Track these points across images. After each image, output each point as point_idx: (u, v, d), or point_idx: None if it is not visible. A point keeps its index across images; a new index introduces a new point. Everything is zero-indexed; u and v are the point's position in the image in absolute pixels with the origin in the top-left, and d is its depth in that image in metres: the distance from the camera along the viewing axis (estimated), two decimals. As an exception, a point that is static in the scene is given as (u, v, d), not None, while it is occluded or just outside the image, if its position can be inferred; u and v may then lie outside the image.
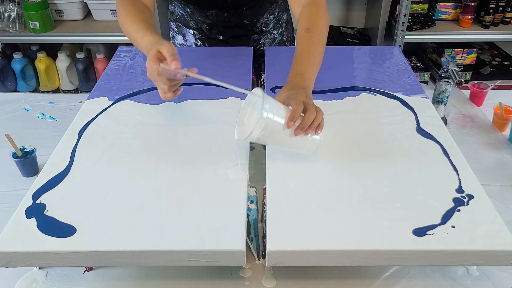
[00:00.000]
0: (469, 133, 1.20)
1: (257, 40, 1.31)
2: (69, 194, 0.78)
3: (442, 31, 2.14)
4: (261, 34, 1.30)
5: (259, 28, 1.29)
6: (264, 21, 1.28)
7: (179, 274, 0.81)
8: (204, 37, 1.30)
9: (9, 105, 1.33)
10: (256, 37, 1.31)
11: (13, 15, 2.11)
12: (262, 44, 1.33)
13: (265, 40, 1.32)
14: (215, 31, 1.27)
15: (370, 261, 0.70)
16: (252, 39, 1.31)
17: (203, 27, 1.27)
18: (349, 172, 0.83)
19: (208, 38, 1.31)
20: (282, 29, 1.36)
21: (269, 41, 1.33)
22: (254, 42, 1.31)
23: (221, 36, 1.29)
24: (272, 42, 1.34)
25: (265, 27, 1.29)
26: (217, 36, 1.29)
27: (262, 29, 1.29)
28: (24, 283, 0.80)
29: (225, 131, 0.94)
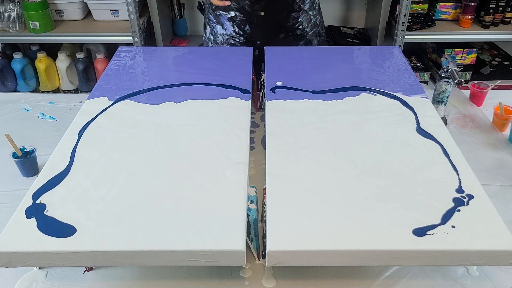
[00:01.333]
0: (469, 133, 1.20)
1: (296, 18, 1.32)
2: (69, 194, 0.78)
3: (442, 31, 2.14)
4: (299, 12, 1.32)
5: (297, 4, 1.30)
6: None
7: (179, 274, 0.81)
8: (245, 17, 1.31)
9: (9, 105, 1.33)
10: (295, 15, 1.32)
11: (13, 15, 2.11)
12: (300, 22, 1.34)
13: (304, 19, 1.34)
14: (257, 6, 1.28)
15: (370, 261, 0.70)
16: (292, 17, 1.32)
17: (245, 3, 1.27)
18: (349, 172, 0.83)
19: (249, 19, 1.31)
20: (316, 12, 1.38)
21: (307, 21, 1.35)
22: (294, 19, 1.32)
23: (262, 12, 1.29)
24: (309, 22, 1.36)
25: (302, 4, 1.31)
26: (259, 12, 1.29)
27: (300, 6, 1.31)
28: (24, 283, 0.80)
29: (225, 131, 0.94)
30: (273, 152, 0.88)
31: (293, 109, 1.01)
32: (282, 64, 1.19)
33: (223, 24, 1.35)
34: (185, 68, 1.21)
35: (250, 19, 1.31)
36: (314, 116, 0.98)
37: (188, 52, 1.31)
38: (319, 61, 1.21)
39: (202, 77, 1.14)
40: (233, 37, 1.35)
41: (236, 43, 1.36)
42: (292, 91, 1.08)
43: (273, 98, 1.05)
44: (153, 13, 2.17)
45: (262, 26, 1.32)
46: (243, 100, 1.05)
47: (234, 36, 1.35)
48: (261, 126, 1.19)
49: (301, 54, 1.25)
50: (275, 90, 1.08)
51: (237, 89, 1.09)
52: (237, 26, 1.33)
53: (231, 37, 1.36)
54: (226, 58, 1.24)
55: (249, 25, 1.32)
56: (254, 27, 1.32)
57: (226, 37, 1.37)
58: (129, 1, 2.01)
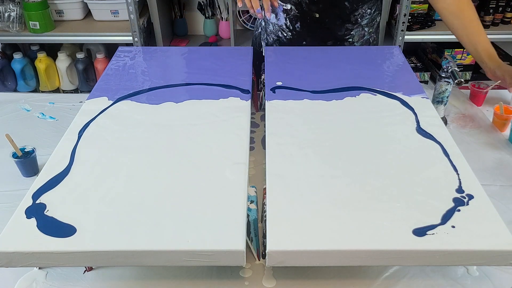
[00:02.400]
0: (469, 133, 1.20)
1: (349, 30, 1.31)
2: (69, 194, 0.78)
3: (442, 31, 2.14)
4: (355, 25, 1.30)
5: (355, 17, 1.28)
6: (361, 12, 1.28)
7: (179, 274, 0.81)
8: (300, 14, 1.29)
9: (9, 105, 1.33)
10: (350, 27, 1.30)
11: (13, 15, 2.11)
12: (352, 35, 1.32)
13: (356, 33, 1.32)
14: (314, 7, 1.26)
15: (370, 261, 0.70)
16: (345, 27, 1.30)
17: (303, 1, 1.26)
18: (349, 172, 0.83)
19: (303, 17, 1.29)
20: (373, 30, 1.36)
21: (359, 36, 1.33)
22: (346, 30, 1.31)
23: (317, 14, 1.27)
24: (361, 38, 1.34)
25: (360, 18, 1.29)
26: (314, 14, 1.27)
27: (357, 20, 1.29)
28: (24, 283, 0.80)
29: (225, 131, 0.94)
30: (273, 152, 0.88)
31: (293, 109, 1.01)
32: (282, 64, 1.19)
33: (277, 14, 1.33)
34: (185, 68, 1.21)
35: (303, 17, 1.29)
36: (314, 116, 0.98)
37: (188, 52, 1.31)
38: (319, 61, 1.21)
39: (202, 77, 1.14)
40: (283, 29, 1.33)
41: (283, 37, 1.35)
42: (292, 91, 1.08)
43: (273, 98, 1.05)
44: (153, 13, 2.18)
45: (313, 28, 1.30)
46: (243, 100, 1.05)
47: (284, 29, 1.33)
48: (261, 126, 1.19)
49: (301, 54, 1.25)
50: (275, 90, 1.08)
51: (237, 89, 1.09)
52: (289, 20, 1.31)
53: (281, 29, 1.34)
54: (226, 58, 1.24)
55: (300, 23, 1.30)
56: (305, 27, 1.30)
57: (276, 27, 1.35)
58: (129, 1, 2.01)
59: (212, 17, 2.47)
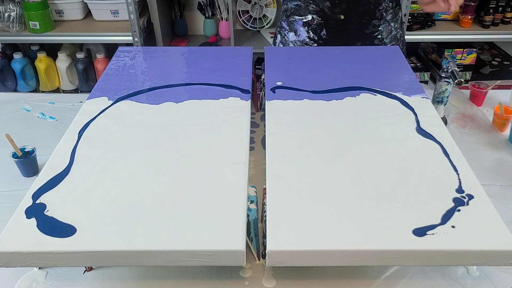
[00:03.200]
0: (469, 133, 1.20)
1: (376, 26, 1.28)
2: (69, 194, 0.78)
3: (442, 31, 2.14)
4: (381, 20, 1.28)
5: (380, 12, 1.26)
6: (385, 6, 1.26)
7: (179, 274, 0.81)
8: (324, 20, 1.27)
9: (9, 105, 1.33)
10: (376, 23, 1.28)
11: (13, 15, 2.11)
12: (380, 31, 1.29)
13: (384, 29, 1.29)
14: (337, 9, 1.24)
15: (370, 261, 0.70)
16: (372, 24, 1.28)
17: (325, 5, 1.24)
18: (349, 172, 0.83)
19: (327, 23, 1.27)
20: (398, 25, 1.34)
21: (387, 31, 1.30)
22: (374, 27, 1.28)
23: (342, 16, 1.25)
24: (389, 33, 1.31)
25: (384, 12, 1.27)
26: (338, 16, 1.25)
27: (382, 14, 1.27)
28: (24, 283, 0.80)
29: (225, 131, 0.94)
30: (273, 152, 0.88)
31: (293, 109, 1.01)
32: (282, 64, 1.19)
33: (296, 31, 1.31)
34: (185, 68, 1.21)
35: (328, 23, 1.27)
36: (314, 116, 0.98)
37: (188, 52, 1.31)
38: (319, 61, 1.21)
39: (202, 77, 1.14)
40: (306, 43, 1.31)
41: None
42: (292, 91, 1.08)
43: (273, 98, 1.05)
44: (153, 13, 2.18)
45: (340, 31, 1.28)
46: (243, 100, 1.05)
47: (307, 42, 1.31)
48: (261, 126, 1.19)
49: (301, 54, 1.25)
50: (275, 90, 1.08)
51: (237, 89, 1.09)
52: (312, 31, 1.29)
53: (304, 43, 1.31)
54: (226, 58, 1.24)
55: (326, 30, 1.28)
56: (331, 32, 1.28)
57: (298, 44, 1.32)
58: (129, 1, 2.01)
59: (212, 17, 2.47)
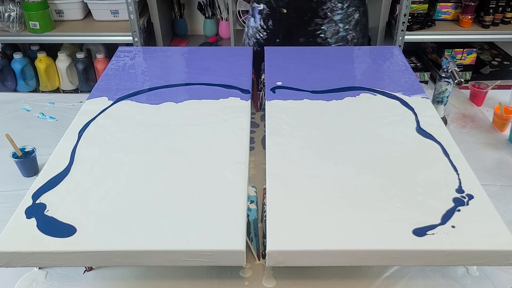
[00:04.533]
0: (469, 133, 1.20)
1: (319, 25, 1.29)
2: (69, 194, 0.78)
3: (442, 31, 2.14)
4: (325, 20, 1.28)
5: (323, 11, 1.27)
6: (330, 6, 1.27)
7: (179, 274, 0.81)
8: (270, 11, 1.30)
9: (9, 105, 1.33)
10: (319, 21, 1.29)
11: (13, 15, 2.11)
12: (323, 30, 1.30)
13: (328, 28, 1.30)
14: (281, 3, 1.27)
15: (370, 261, 0.70)
16: (315, 23, 1.29)
17: None
18: (349, 172, 0.83)
19: (273, 14, 1.30)
20: (350, 27, 1.33)
21: (332, 31, 1.30)
22: (316, 25, 1.30)
23: (285, 10, 1.28)
24: (335, 34, 1.31)
25: (330, 12, 1.27)
26: (281, 9, 1.28)
27: (327, 14, 1.27)
28: (24, 283, 0.80)
29: (225, 131, 0.94)
30: (273, 152, 0.88)
31: (293, 109, 1.01)
32: (282, 64, 1.19)
33: (254, 17, 1.35)
34: (185, 68, 1.21)
35: (273, 14, 1.30)
36: (314, 116, 0.98)
37: (188, 52, 1.31)
38: (319, 61, 1.21)
39: (202, 77, 1.14)
40: (259, 31, 1.35)
41: (260, 38, 1.36)
42: (292, 91, 1.08)
43: (273, 98, 1.05)
44: (153, 13, 2.17)
45: (284, 25, 1.31)
46: (243, 100, 1.05)
47: (260, 30, 1.35)
48: (261, 126, 1.19)
49: (301, 54, 1.25)
50: (275, 90, 1.08)
51: (237, 89, 1.09)
52: (263, 20, 1.33)
53: (257, 30, 1.36)
54: (226, 58, 1.24)
55: (272, 21, 1.32)
56: (276, 24, 1.32)
57: (254, 30, 1.37)
58: (129, 1, 2.01)
59: (212, 17, 2.47)
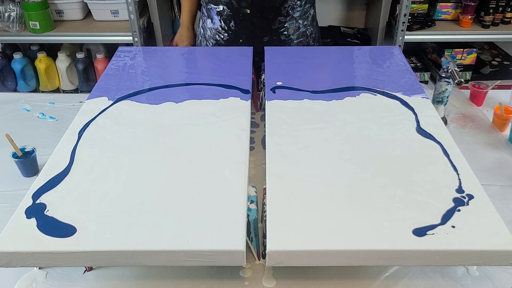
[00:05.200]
0: (469, 133, 1.20)
1: (282, 23, 1.32)
2: (69, 194, 0.78)
3: (442, 31, 2.14)
4: (287, 17, 1.32)
5: (286, 9, 1.30)
6: (291, 4, 1.30)
7: (179, 274, 0.81)
8: (232, 12, 1.31)
9: (9, 105, 1.33)
10: (282, 19, 1.32)
11: (13, 15, 2.11)
12: (286, 28, 1.33)
13: (290, 26, 1.33)
14: (244, 3, 1.28)
15: (370, 261, 0.70)
16: (278, 21, 1.32)
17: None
18: (349, 172, 0.83)
19: (235, 15, 1.31)
20: (308, 23, 1.37)
21: (294, 28, 1.34)
22: (280, 24, 1.32)
23: (248, 10, 1.29)
24: (296, 30, 1.35)
25: (291, 10, 1.31)
26: (245, 10, 1.29)
27: (288, 12, 1.31)
28: (24, 283, 0.80)
29: (225, 131, 0.94)
30: (273, 152, 0.88)
31: (293, 109, 1.01)
32: (282, 64, 1.19)
33: (212, 18, 1.35)
34: (185, 68, 1.21)
35: (236, 15, 1.31)
36: (314, 116, 0.98)
37: (188, 52, 1.31)
38: (319, 61, 1.21)
39: (202, 77, 1.14)
40: (219, 32, 1.36)
41: (221, 39, 1.37)
42: (292, 91, 1.08)
43: (273, 98, 1.05)
44: (153, 13, 2.17)
45: (247, 25, 1.32)
46: (243, 100, 1.05)
47: (220, 31, 1.35)
48: (261, 126, 1.19)
49: (301, 54, 1.25)
50: (275, 90, 1.08)
51: (237, 89, 1.09)
52: (223, 21, 1.33)
53: (217, 32, 1.36)
54: (226, 58, 1.24)
55: (234, 22, 1.32)
56: (239, 25, 1.32)
57: (213, 32, 1.37)
58: (129, 1, 2.01)
59: (212, 17, 2.47)
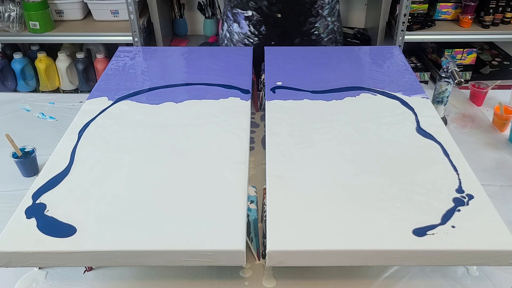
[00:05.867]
0: (469, 133, 1.20)
1: (313, 23, 1.32)
2: (69, 194, 0.78)
3: (442, 31, 2.14)
4: (317, 17, 1.31)
5: (316, 10, 1.30)
6: (320, 3, 1.29)
7: (179, 274, 0.81)
8: (262, 17, 1.30)
9: (9, 105, 1.33)
10: (312, 20, 1.31)
11: (13, 15, 2.11)
12: (317, 27, 1.33)
13: (320, 25, 1.33)
14: (274, 8, 1.28)
15: (370, 261, 0.70)
16: (309, 22, 1.31)
17: (263, 4, 1.27)
18: (349, 172, 0.83)
19: (266, 20, 1.30)
20: (335, 18, 1.37)
21: (323, 27, 1.34)
22: (310, 24, 1.32)
23: (279, 14, 1.28)
24: (326, 28, 1.35)
25: (320, 9, 1.30)
26: (276, 14, 1.28)
27: (318, 11, 1.30)
28: (24, 283, 0.80)
29: (225, 131, 0.94)
30: (273, 152, 0.88)
31: (293, 109, 1.01)
32: (282, 64, 1.19)
33: (239, 23, 1.34)
34: (185, 68, 1.21)
35: (266, 20, 1.30)
36: (314, 116, 0.98)
37: (188, 52, 1.31)
38: (319, 61, 1.21)
39: (202, 77, 1.14)
40: (248, 36, 1.35)
41: (251, 43, 1.36)
42: (292, 91, 1.08)
43: (273, 98, 1.05)
44: (153, 13, 2.17)
45: (278, 29, 1.31)
46: (243, 100, 1.05)
47: (249, 35, 1.34)
48: (261, 126, 1.19)
49: (301, 54, 1.25)
50: (275, 90, 1.08)
51: (237, 89, 1.09)
52: (252, 26, 1.33)
53: (246, 36, 1.35)
54: (226, 58, 1.24)
55: (265, 26, 1.31)
56: (270, 29, 1.32)
57: (241, 36, 1.36)
58: (129, 1, 2.01)
59: (212, 17, 2.47)
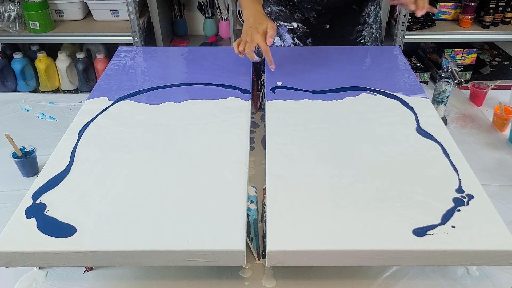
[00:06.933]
0: (469, 133, 1.20)
1: (360, 31, 1.31)
2: (69, 194, 0.78)
3: (442, 31, 2.14)
4: (364, 25, 1.31)
5: (363, 18, 1.29)
6: (367, 11, 1.29)
7: (179, 274, 0.81)
8: (310, 29, 1.29)
9: (9, 105, 1.33)
10: (360, 28, 1.31)
11: (13, 15, 2.11)
12: (363, 36, 1.32)
13: (366, 33, 1.32)
14: (323, 19, 1.26)
15: (370, 261, 0.70)
16: (356, 30, 1.31)
17: (311, 15, 1.26)
18: (349, 172, 0.83)
19: (313, 31, 1.29)
20: (378, 25, 1.37)
21: (369, 34, 1.33)
22: (357, 33, 1.31)
23: (328, 25, 1.27)
24: (371, 36, 1.34)
25: (367, 17, 1.30)
26: (324, 25, 1.27)
27: (365, 19, 1.30)
28: (24, 283, 0.80)
29: (225, 131, 0.94)
30: (273, 152, 0.88)
31: (293, 109, 1.01)
32: (282, 64, 1.19)
33: (281, 36, 1.32)
34: (185, 68, 1.21)
35: (314, 31, 1.29)
36: (314, 116, 0.98)
37: (188, 52, 1.31)
38: (319, 61, 1.21)
39: (202, 77, 1.14)
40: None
41: None
42: (292, 91, 1.08)
43: (273, 98, 1.05)
44: (153, 13, 2.18)
45: (325, 39, 1.30)
46: (243, 100, 1.05)
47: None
48: (261, 126, 1.19)
49: (301, 54, 1.25)
50: (275, 90, 1.08)
51: (237, 89, 1.09)
52: (297, 38, 1.31)
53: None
54: (226, 58, 1.24)
55: (311, 38, 1.30)
56: (317, 40, 1.30)
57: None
58: (129, 1, 2.01)
59: (212, 17, 2.47)
